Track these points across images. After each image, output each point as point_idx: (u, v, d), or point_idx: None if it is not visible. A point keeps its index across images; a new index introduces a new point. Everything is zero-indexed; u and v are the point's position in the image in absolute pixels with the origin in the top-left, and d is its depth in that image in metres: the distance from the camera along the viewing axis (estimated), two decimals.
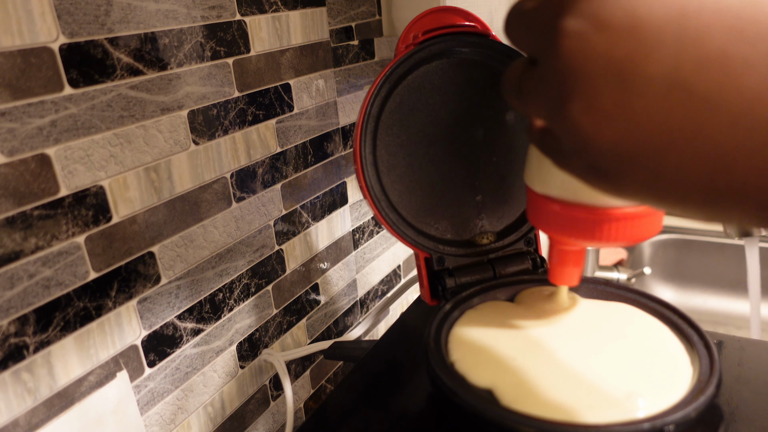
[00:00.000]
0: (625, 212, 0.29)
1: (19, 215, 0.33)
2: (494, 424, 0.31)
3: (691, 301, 1.20)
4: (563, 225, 0.32)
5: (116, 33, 0.37)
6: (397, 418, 0.38)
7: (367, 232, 0.68)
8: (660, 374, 0.34)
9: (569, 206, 0.30)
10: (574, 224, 0.31)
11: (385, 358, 0.45)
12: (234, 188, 0.48)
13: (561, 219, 0.31)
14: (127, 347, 0.41)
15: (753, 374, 0.38)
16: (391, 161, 0.43)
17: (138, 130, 0.39)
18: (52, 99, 0.34)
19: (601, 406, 0.32)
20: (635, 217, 0.30)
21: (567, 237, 0.33)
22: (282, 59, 0.51)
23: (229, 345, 0.50)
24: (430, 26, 0.44)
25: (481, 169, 0.46)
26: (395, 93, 0.43)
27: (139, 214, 0.40)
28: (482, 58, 0.45)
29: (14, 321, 0.34)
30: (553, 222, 0.32)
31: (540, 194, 0.32)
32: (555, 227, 0.33)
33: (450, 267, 0.44)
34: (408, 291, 0.71)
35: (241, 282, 0.50)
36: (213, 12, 0.44)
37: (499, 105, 0.46)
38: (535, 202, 0.33)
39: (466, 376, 0.35)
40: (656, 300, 0.40)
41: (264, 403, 0.55)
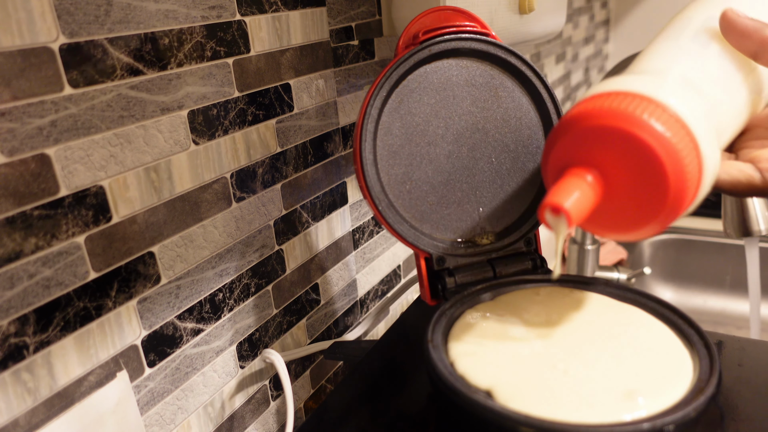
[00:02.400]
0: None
1: (19, 215, 0.33)
2: (494, 424, 0.31)
3: (691, 301, 1.20)
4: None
5: (116, 33, 0.37)
6: (397, 418, 0.38)
7: (367, 232, 0.68)
8: (660, 374, 0.34)
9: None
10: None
11: (385, 358, 0.45)
12: (234, 188, 0.48)
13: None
14: (127, 347, 0.41)
15: (753, 374, 0.38)
16: (391, 161, 0.43)
17: (138, 130, 0.39)
18: (52, 99, 0.34)
19: (601, 406, 0.32)
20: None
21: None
22: (282, 59, 0.51)
23: (229, 345, 0.50)
24: (430, 26, 0.44)
25: (480, 170, 0.46)
26: (395, 93, 0.43)
27: (139, 214, 0.40)
28: (482, 58, 0.45)
29: (14, 321, 0.34)
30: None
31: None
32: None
33: (450, 267, 0.44)
34: (408, 291, 0.71)
35: (241, 282, 0.50)
36: (213, 12, 0.44)
37: (498, 105, 0.46)
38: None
39: (466, 376, 0.35)
40: (656, 300, 0.40)
41: (264, 403, 0.55)
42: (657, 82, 0.31)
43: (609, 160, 0.31)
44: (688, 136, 0.29)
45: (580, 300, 0.41)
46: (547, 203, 0.31)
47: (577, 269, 1.04)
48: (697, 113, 0.31)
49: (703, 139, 0.30)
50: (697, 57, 0.35)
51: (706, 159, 0.30)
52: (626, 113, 0.29)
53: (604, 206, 0.32)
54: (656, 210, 0.30)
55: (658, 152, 0.29)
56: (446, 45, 0.43)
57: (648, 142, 0.29)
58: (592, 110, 0.31)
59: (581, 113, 0.31)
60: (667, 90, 0.31)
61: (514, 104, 0.46)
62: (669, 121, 0.29)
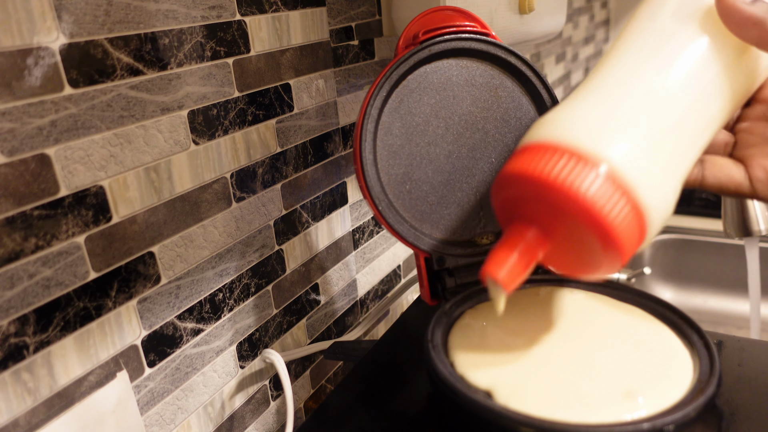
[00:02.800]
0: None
1: (19, 215, 0.33)
2: (494, 424, 0.31)
3: (691, 301, 1.20)
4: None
5: (116, 33, 0.37)
6: (397, 418, 0.38)
7: (367, 232, 0.68)
8: (660, 374, 0.34)
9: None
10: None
11: (385, 358, 0.45)
12: (234, 188, 0.48)
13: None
14: (127, 347, 0.41)
15: (753, 374, 0.38)
16: (391, 161, 0.43)
17: (138, 130, 0.39)
18: (52, 99, 0.34)
19: (601, 406, 0.32)
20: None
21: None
22: (282, 59, 0.51)
23: (229, 345, 0.50)
24: (430, 26, 0.44)
25: (480, 169, 0.46)
26: (395, 93, 0.43)
27: (139, 214, 0.40)
28: (482, 58, 0.45)
29: (14, 321, 0.34)
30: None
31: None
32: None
33: (450, 267, 0.44)
34: (408, 291, 0.71)
35: (241, 282, 0.50)
36: (213, 12, 0.44)
37: (498, 105, 0.46)
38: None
39: (466, 376, 0.35)
40: (656, 300, 0.40)
41: (264, 403, 0.55)
42: (592, 123, 0.30)
43: (546, 217, 0.31)
44: (619, 192, 0.28)
45: (580, 300, 0.41)
46: (486, 272, 0.32)
47: None
48: (641, 150, 0.29)
49: (646, 183, 0.29)
50: (668, 53, 0.31)
51: (649, 205, 0.29)
52: (550, 179, 0.28)
53: (551, 254, 0.32)
54: (598, 261, 0.30)
55: (586, 216, 0.28)
56: (446, 45, 0.43)
57: (576, 206, 0.28)
58: (523, 170, 0.30)
59: (514, 172, 0.30)
60: (601, 135, 0.29)
61: (514, 104, 0.46)
62: (597, 180, 0.28)
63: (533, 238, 0.31)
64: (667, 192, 0.30)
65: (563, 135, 0.30)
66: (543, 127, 0.31)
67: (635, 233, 0.29)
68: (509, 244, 0.32)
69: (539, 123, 0.32)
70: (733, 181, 0.35)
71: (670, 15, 0.32)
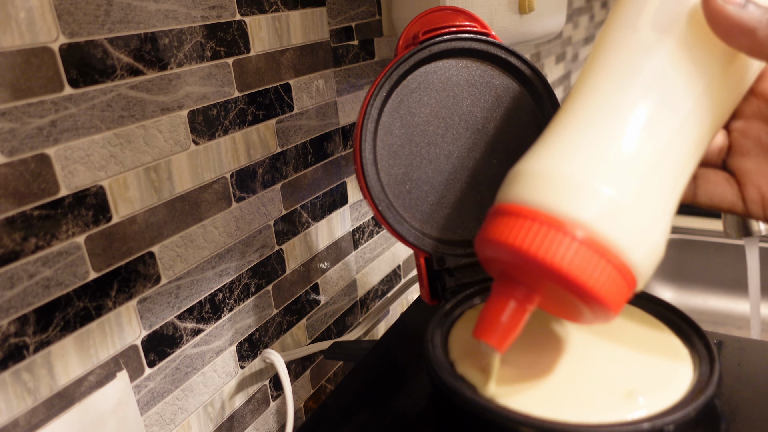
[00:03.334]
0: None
1: (19, 215, 0.33)
2: (494, 424, 0.31)
3: (691, 301, 1.20)
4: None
5: (116, 33, 0.37)
6: (397, 418, 0.38)
7: (367, 232, 0.68)
8: (660, 374, 0.34)
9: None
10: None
11: (385, 358, 0.45)
12: (234, 188, 0.48)
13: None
14: (127, 347, 0.41)
15: (753, 374, 0.38)
16: (391, 161, 0.43)
17: (138, 130, 0.39)
18: (52, 99, 0.34)
19: (601, 406, 0.32)
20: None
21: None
22: (282, 59, 0.51)
23: (229, 345, 0.50)
24: (431, 26, 0.44)
25: (481, 170, 0.46)
26: (395, 93, 0.43)
27: (139, 214, 0.40)
28: (482, 58, 0.45)
29: (14, 321, 0.34)
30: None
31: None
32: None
33: (450, 267, 0.44)
34: (408, 291, 0.71)
35: (241, 282, 0.50)
36: (213, 12, 0.44)
37: (498, 105, 0.46)
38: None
39: (466, 376, 0.35)
40: (656, 300, 0.40)
41: (264, 403, 0.55)
42: (570, 182, 0.28)
43: (530, 278, 0.30)
44: (599, 255, 0.27)
45: None
46: (477, 336, 0.31)
47: None
48: (623, 202, 0.27)
49: (630, 239, 0.27)
50: (650, 71, 0.29)
51: (636, 260, 0.28)
52: (526, 248, 0.27)
53: (543, 304, 0.32)
54: (589, 315, 0.30)
55: (568, 284, 0.27)
56: (446, 45, 0.43)
57: (556, 276, 0.27)
58: (498, 239, 0.29)
59: (491, 239, 0.29)
60: (579, 195, 0.27)
61: (514, 104, 0.46)
62: (573, 247, 0.27)
63: (521, 296, 0.31)
64: (656, 239, 0.28)
65: (537, 197, 0.28)
66: (517, 184, 0.30)
67: (622, 290, 0.28)
68: (498, 305, 0.31)
69: (513, 177, 0.30)
70: (727, 201, 0.33)
71: (649, 22, 0.29)
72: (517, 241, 0.28)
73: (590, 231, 0.27)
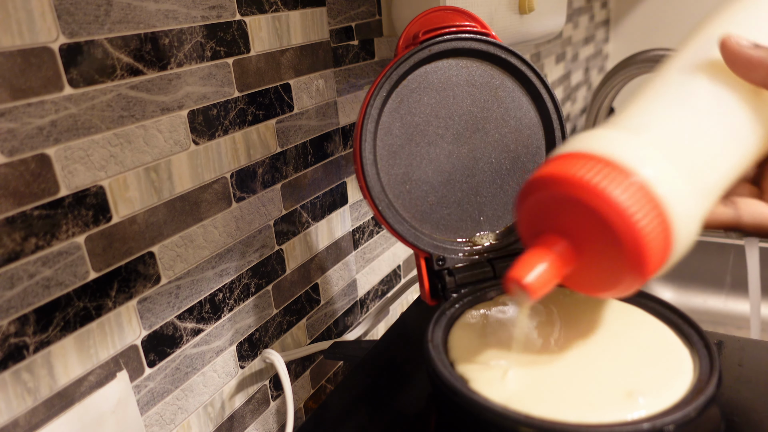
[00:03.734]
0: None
1: (19, 215, 0.33)
2: (494, 424, 0.31)
3: (691, 301, 1.20)
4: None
5: (116, 33, 0.37)
6: (397, 418, 0.38)
7: (367, 232, 0.68)
8: (660, 374, 0.34)
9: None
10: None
11: (385, 358, 0.45)
12: (234, 188, 0.48)
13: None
14: (127, 347, 0.41)
15: (753, 374, 0.38)
16: (391, 161, 0.43)
17: (138, 130, 0.39)
18: (52, 99, 0.34)
19: (601, 406, 0.32)
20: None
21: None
22: (282, 59, 0.51)
23: (229, 345, 0.50)
24: (430, 26, 0.44)
25: (480, 170, 0.46)
26: (395, 93, 0.43)
27: (139, 214, 0.40)
28: (482, 58, 0.45)
29: (14, 321, 0.34)
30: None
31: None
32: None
33: (450, 267, 0.44)
34: (408, 291, 0.71)
35: (241, 282, 0.50)
36: (213, 12, 0.44)
37: (498, 105, 0.46)
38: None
39: (465, 376, 0.35)
40: (656, 300, 0.40)
41: (264, 403, 0.55)
42: (629, 142, 0.30)
43: (574, 226, 0.30)
44: (650, 204, 0.28)
45: (580, 300, 0.41)
46: (511, 277, 0.31)
47: None
48: (670, 173, 0.29)
49: (677, 203, 0.29)
50: (686, 98, 0.32)
51: (678, 223, 0.29)
52: (583, 181, 0.28)
53: (575, 271, 0.32)
54: (621, 277, 0.30)
55: (614, 223, 0.28)
56: (446, 45, 0.43)
57: (604, 213, 0.28)
58: (553, 175, 0.30)
59: (544, 178, 0.30)
60: (637, 152, 0.29)
61: (514, 104, 0.46)
62: (630, 188, 0.28)
63: (563, 250, 0.31)
64: (695, 215, 0.30)
65: (599, 147, 0.30)
66: (577, 141, 0.31)
67: (660, 246, 0.29)
68: (538, 252, 0.31)
69: (573, 139, 0.32)
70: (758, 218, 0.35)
71: (683, 71, 0.33)
72: (575, 173, 0.29)
73: (646, 180, 0.28)
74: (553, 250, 0.31)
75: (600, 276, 0.32)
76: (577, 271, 0.32)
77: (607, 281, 0.32)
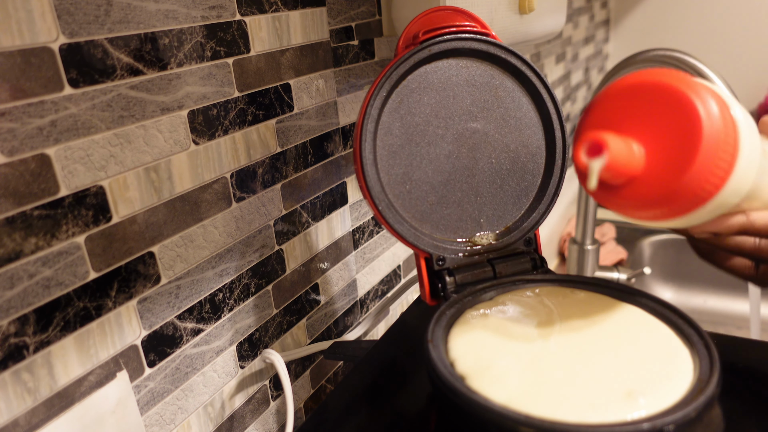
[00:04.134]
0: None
1: (19, 215, 0.33)
2: (494, 424, 0.31)
3: (691, 301, 1.20)
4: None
5: (116, 33, 0.37)
6: (397, 418, 0.38)
7: (367, 232, 0.68)
8: (660, 374, 0.34)
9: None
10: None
11: (385, 358, 0.45)
12: (234, 188, 0.48)
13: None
14: (127, 347, 0.41)
15: (753, 374, 0.38)
16: (391, 161, 0.43)
17: (138, 130, 0.39)
18: (52, 99, 0.34)
19: (601, 406, 0.32)
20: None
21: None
22: (282, 59, 0.51)
23: (229, 345, 0.50)
24: (431, 26, 0.44)
25: (480, 170, 0.46)
26: (395, 93, 0.43)
27: (139, 214, 0.40)
28: (482, 58, 0.45)
29: (14, 321, 0.34)
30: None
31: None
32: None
33: (450, 267, 0.44)
34: (408, 291, 0.71)
35: (241, 282, 0.50)
36: (213, 12, 0.44)
37: (498, 105, 0.46)
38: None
39: (465, 376, 0.35)
40: (656, 300, 0.40)
41: (264, 403, 0.55)
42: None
43: (647, 118, 0.33)
44: (728, 116, 0.31)
45: (580, 300, 0.41)
46: (588, 137, 0.32)
47: (577, 269, 1.04)
48: (750, 121, 0.32)
49: (747, 131, 0.32)
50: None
51: (744, 148, 0.31)
52: (673, 76, 0.32)
53: (635, 184, 0.33)
54: (682, 186, 0.31)
55: (697, 110, 0.31)
56: (446, 45, 0.43)
57: (690, 100, 0.31)
58: (636, 75, 0.33)
59: (624, 79, 0.34)
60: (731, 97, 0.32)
61: (514, 104, 0.46)
62: (715, 97, 0.31)
63: (637, 146, 0.33)
64: (756, 151, 0.33)
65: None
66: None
67: (727, 157, 0.31)
68: (614, 136, 0.33)
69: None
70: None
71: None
72: (663, 74, 0.32)
73: (726, 101, 0.32)
74: (627, 139, 0.33)
75: (658, 186, 0.33)
76: (637, 183, 0.33)
77: (664, 194, 0.32)
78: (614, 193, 0.34)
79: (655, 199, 0.33)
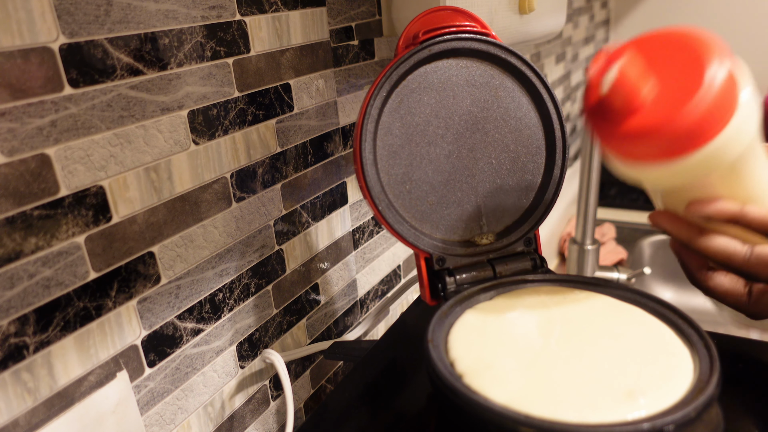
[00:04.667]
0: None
1: (19, 215, 0.33)
2: (494, 424, 0.31)
3: (691, 301, 1.20)
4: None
5: (116, 33, 0.37)
6: (397, 418, 0.38)
7: (367, 232, 0.68)
8: (660, 374, 0.34)
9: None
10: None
11: (385, 358, 0.45)
12: (234, 188, 0.48)
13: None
14: (127, 347, 0.41)
15: (753, 374, 0.38)
16: (391, 161, 0.43)
17: (138, 130, 0.39)
18: (52, 99, 0.34)
19: (602, 406, 0.32)
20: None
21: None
22: (282, 59, 0.51)
23: (229, 345, 0.50)
24: (430, 26, 0.44)
25: (480, 170, 0.46)
26: (395, 93, 0.43)
27: (139, 214, 0.40)
28: (482, 58, 0.45)
29: (14, 321, 0.34)
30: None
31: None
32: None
33: (450, 267, 0.44)
34: (408, 291, 0.71)
35: (241, 282, 0.50)
36: (213, 12, 0.44)
37: (498, 105, 0.46)
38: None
39: (465, 376, 0.35)
40: (656, 300, 0.40)
41: (264, 403, 0.55)
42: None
43: (669, 65, 0.36)
44: (733, 80, 0.34)
45: (580, 300, 0.41)
46: (610, 48, 0.37)
47: (577, 269, 1.04)
48: (755, 103, 0.35)
49: (748, 93, 0.34)
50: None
51: (742, 105, 0.34)
52: (703, 34, 0.35)
53: (642, 116, 0.35)
54: (681, 105, 0.33)
55: (705, 58, 0.34)
56: (446, 45, 0.43)
57: (705, 50, 0.34)
58: (671, 28, 0.37)
59: (660, 29, 0.38)
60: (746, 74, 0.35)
61: (514, 104, 0.46)
62: (730, 59, 0.34)
63: (651, 78, 0.36)
64: (755, 114, 0.35)
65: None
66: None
67: (723, 106, 0.34)
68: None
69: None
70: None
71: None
72: (692, 30, 0.36)
73: (736, 68, 0.35)
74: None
75: (659, 118, 0.35)
76: (642, 116, 0.35)
77: (664, 124, 0.34)
78: (615, 124, 0.36)
79: (651, 129, 0.35)
